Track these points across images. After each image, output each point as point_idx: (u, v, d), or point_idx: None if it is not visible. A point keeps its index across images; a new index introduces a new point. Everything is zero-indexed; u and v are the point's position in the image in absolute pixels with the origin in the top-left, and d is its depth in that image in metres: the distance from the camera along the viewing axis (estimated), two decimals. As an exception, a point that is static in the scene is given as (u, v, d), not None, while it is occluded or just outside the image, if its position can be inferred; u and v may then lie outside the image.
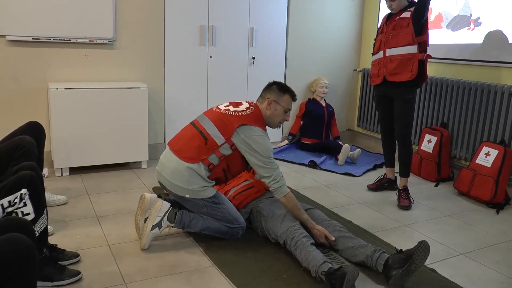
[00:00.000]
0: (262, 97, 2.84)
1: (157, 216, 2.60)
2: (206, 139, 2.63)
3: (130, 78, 4.30)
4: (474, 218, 3.33)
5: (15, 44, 3.82)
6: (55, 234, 2.76)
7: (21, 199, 2.00)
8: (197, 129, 2.70)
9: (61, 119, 3.75)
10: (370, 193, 3.81)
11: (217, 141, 2.63)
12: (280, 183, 2.63)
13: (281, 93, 2.80)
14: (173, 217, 2.64)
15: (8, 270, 1.35)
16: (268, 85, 2.87)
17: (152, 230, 2.59)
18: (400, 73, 3.41)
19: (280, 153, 4.88)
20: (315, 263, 2.28)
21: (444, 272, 2.49)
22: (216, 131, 2.64)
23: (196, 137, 2.66)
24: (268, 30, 4.88)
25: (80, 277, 2.25)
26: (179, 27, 4.42)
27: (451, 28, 4.33)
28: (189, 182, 2.61)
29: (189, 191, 2.63)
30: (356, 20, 5.41)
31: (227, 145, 2.65)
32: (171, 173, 2.65)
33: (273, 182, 2.62)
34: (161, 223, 2.61)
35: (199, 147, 2.63)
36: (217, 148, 2.63)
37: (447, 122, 4.29)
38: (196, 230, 2.70)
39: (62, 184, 3.68)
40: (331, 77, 5.36)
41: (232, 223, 2.72)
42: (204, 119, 2.73)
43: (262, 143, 2.63)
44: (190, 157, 2.62)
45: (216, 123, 2.66)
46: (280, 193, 2.63)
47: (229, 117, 2.68)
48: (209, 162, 2.63)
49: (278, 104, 2.78)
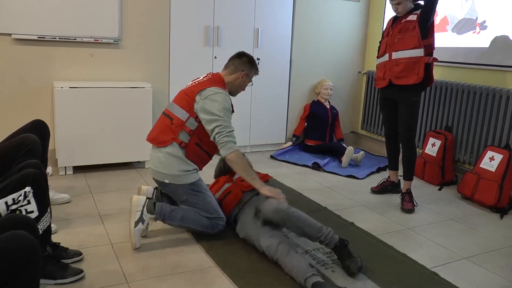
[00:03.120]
0: (235, 66, 2.85)
1: (136, 211, 2.60)
2: (171, 119, 2.70)
3: (135, 77, 4.31)
4: (478, 223, 3.32)
5: (21, 42, 3.84)
6: (58, 232, 2.76)
7: (25, 196, 2.01)
8: (165, 115, 2.78)
9: (65, 118, 3.76)
10: (373, 196, 3.80)
11: (181, 117, 2.67)
12: (227, 138, 2.57)
13: (252, 67, 2.89)
14: (152, 207, 2.62)
15: (11, 267, 1.35)
16: (239, 55, 2.89)
17: (136, 227, 2.58)
18: (406, 76, 3.40)
19: (283, 154, 4.88)
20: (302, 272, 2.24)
21: (447, 276, 2.48)
22: (179, 108, 2.70)
23: (164, 121, 2.74)
24: (273, 31, 4.89)
25: (82, 276, 2.26)
26: (184, 28, 4.43)
27: (457, 31, 4.32)
28: (168, 166, 2.66)
29: (168, 176, 2.67)
30: (361, 22, 5.40)
31: (192, 119, 2.67)
32: (153, 162, 2.73)
33: (219, 135, 2.57)
34: (142, 217, 2.60)
35: (167, 128, 2.69)
36: (183, 124, 2.66)
37: (452, 126, 4.28)
38: (177, 223, 2.68)
39: (66, 182, 3.69)
40: (336, 79, 5.36)
41: (211, 213, 2.71)
42: (171, 105, 2.80)
43: (215, 99, 2.63)
44: (162, 141, 2.69)
45: (179, 102, 2.72)
46: (227, 148, 2.56)
47: (188, 90, 2.74)
48: (180, 141, 2.66)
49: (248, 77, 2.88)
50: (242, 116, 4.91)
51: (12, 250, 1.35)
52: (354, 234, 2.96)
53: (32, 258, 1.39)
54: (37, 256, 1.41)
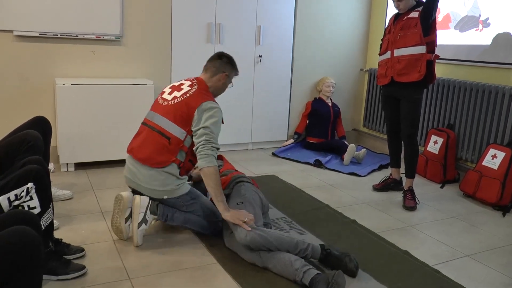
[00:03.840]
0: (216, 68, 2.77)
1: (139, 213, 2.57)
2: (168, 138, 2.56)
3: (137, 74, 4.31)
4: (480, 220, 3.31)
5: (23, 39, 3.83)
6: (60, 228, 2.77)
7: (28, 192, 2.01)
8: (156, 131, 2.60)
9: (67, 115, 3.76)
10: (375, 193, 3.80)
11: (179, 136, 2.56)
12: (211, 151, 2.50)
13: (233, 69, 2.83)
14: (155, 209, 2.60)
15: (14, 262, 1.35)
16: (218, 56, 2.82)
17: (139, 227, 2.57)
18: (408, 73, 3.40)
19: (285, 152, 4.88)
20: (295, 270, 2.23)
21: (449, 273, 2.48)
22: (176, 127, 2.57)
23: (159, 140, 2.58)
24: (275, 28, 4.88)
25: (85, 272, 2.26)
26: (186, 25, 4.43)
27: (459, 28, 4.31)
28: (165, 184, 2.58)
29: (166, 192, 2.60)
30: (363, 20, 5.39)
31: (189, 137, 2.59)
32: (146, 180, 2.58)
33: (204, 147, 2.49)
34: (145, 218, 2.59)
35: (164, 148, 2.56)
36: (182, 143, 2.58)
37: (454, 124, 4.27)
38: (179, 224, 2.67)
39: (68, 179, 3.69)
40: (338, 76, 5.35)
41: (211, 217, 2.71)
42: (156, 117, 2.64)
43: (212, 115, 2.55)
44: (160, 161, 2.55)
45: (172, 118, 2.58)
46: (207, 161, 2.47)
47: (182, 105, 2.58)
48: (179, 161, 2.58)
49: (229, 78, 2.82)
50: (244, 113, 4.90)
51: (15, 246, 1.35)
52: (356, 232, 2.96)
53: (35, 253, 1.39)
54: (40, 252, 1.41)
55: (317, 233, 2.88)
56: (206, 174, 2.49)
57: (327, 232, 2.92)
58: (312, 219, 3.12)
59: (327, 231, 2.93)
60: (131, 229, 2.61)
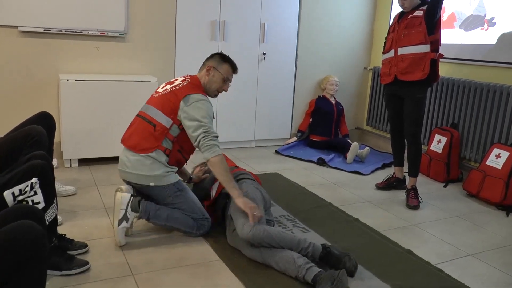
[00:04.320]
0: (204, 64, 2.82)
1: (120, 209, 2.54)
2: (154, 126, 2.61)
3: (141, 71, 4.31)
4: (483, 220, 3.31)
5: (27, 35, 3.84)
6: (63, 224, 2.77)
7: (32, 187, 2.01)
8: (145, 120, 2.66)
9: (71, 111, 3.77)
10: (378, 192, 3.79)
11: (165, 124, 2.60)
12: (213, 141, 2.52)
13: (222, 61, 2.79)
14: (137, 205, 2.57)
15: (19, 256, 1.35)
16: (211, 55, 2.84)
17: (119, 225, 2.52)
18: (411, 72, 3.39)
19: (288, 150, 4.88)
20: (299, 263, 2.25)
21: (452, 272, 2.48)
22: (162, 115, 2.61)
23: (146, 127, 2.63)
24: (280, 26, 4.87)
25: (88, 267, 2.26)
26: (190, 22, 4.43)
27: (464, 28, 4.29)
28: (152, 168, 2.59)
29: (153, 178, 2.60)
30: (368, 18, 5.38)
31: (175, 126, 2.61)
32: (133, 166, 2.61)
33: (205, 139, 2.51)
34: (126, 215, 2.55)
35: (150, 135, 2.61)
36: (167, 131, 2.60)
37: (458, 123, 4.26)
38: (162, 222, 2.63)
39: (71, 175, 3.70)
40: (341, 75, 5.35)
41: (196, 213, 2.69)
42: (149, 108, 2.69)
43: (199, 107, 2.58)
44: (145, 148, 2.60)
45: (161, 107, 2.63)
46: (212, 151, 2.50)
47: (170, 95, 2.64)
48: (164, 148, 2.61)
49: (216, 70, 2.76)
50: (248, 111, 4.90)
51: (20, 240, 1.36)
52: (358, 230, 2.96)
53: (40, 248, 1.39)
54: (44, 246, 1.41)
55: (320, 231, 2.88)
56: (213, 164, 2.52)
57: (330, 230, 2.92)
58: (315, 217, 3.12)
59: (330, 229, 2.93)
60: (113, 226, 2.55)
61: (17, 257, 1.35)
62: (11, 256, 1.35)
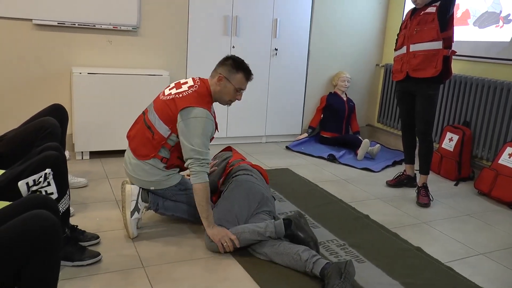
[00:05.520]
0: (215, 70, 2.63)
1: (131, 201, 2.55)
2: (153, 133, 2.54)
3: (153, 65, 4.33)
4: (495, 219, 3.28)
5: (41, 28, 3.87)
6: (75, 215, 2.80)
7: (46, 178, 2.03)
8: (146, 125, 2.59)
9: (83, 103, 3.79)
10: (389, 189, 3.78)
11: (163, 134, 2.53)
12: (203, 168, 2.46)
13: (234, 70, 2.58)
14: (146, 196, 2.60)
15: (34, 245, 1.37)
16: (224, 59, 2.65)
17: (132, 216, 2.54)
18: (424, 69, 3.36)
19: (299, 146, 4.87)
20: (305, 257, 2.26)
21: (463, 271, 2.46)
22: (161, 123, 2.52)
23: (145, 133, 2.57)
24: (292, 22, 4.86)
25: (100, 258, 2.28)
26: (203, 17, 4.43)
27: (478, 25, 4.25)
28: (151, 174, 2.57)
29: (152, 183, 2.59)
30: (380, 14, 5.35)
31: (173, 135, 2.53)
32: (133, 170, 2.61)
33: (193, 165, 2.44)
34: (138, 206, 2.57)
35: (149, 142, 2.55)
36: (165, 141, 2.53)
37: (470, 121, 4.22)
38: (170, 212, 2.67)
39: (83, 167, 3.73)
40: (353, 71, 5.32)
41: None
42: (152, 111, 2.61)
43: (195, 125, 2.44)
44: (143, 154, 2.57)
45: (160, 115, 2.53)
46: (198, 178, 2.44)
47: (171, 103, 2.52)
48: (161, 157, 2.56)
49: (229, 82, 2.58)
50: (259, 106, 4.90)
51: (35, 229, 1.37)
52: (368, 227, 2.95)
53: (54, 237, 1.41)
54: (59, 236, 1.43)
55: (329, 227, 2.88)
56: (196, 190, 2.46)
57: (340, 226, 2.92)
58: (325, 213, 3.11)
59: (339, 226, 2.92)
60: (125, 218, 2.56)
61: (31, 246, 1.37)
62: (26, 245, 1.36)
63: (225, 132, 4.76)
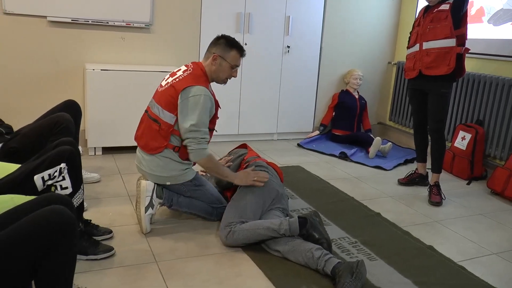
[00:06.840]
0: (208, 51, 2.68)
1: (146, 196, 2.58)
2: (159, 124, 2.56)
3: (165, 62, 4.35)
4: (508, 219, 3.25)
5: (55, 25, 3.90)
6: (88, 210, 2.83)
7: (60, 172, 2.06)
8: (151, 119, 2.62)
9: (96, 99, 3.82)
10: (401, 187, 3.76)
11: (169, 121, 2.55)
12: (201, 145, 2.52)
13: (228, 48, 2.64)
14: (161, 192, 2.62)
15: (50, 239, 1.38)
16: (216, 38, 2.70)
17: (146, 212, 2.57)
18: (437, 66, 3.34)
19: (310, 143, 4.87)
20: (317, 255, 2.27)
21: (475, 270, 2.45)
22: (166, 112, 2.55)
23: (152, 126, 2.60)
24: (304, 19, 4.85)
25: (113, 253, 2.31)
26: (215, 14, 4.44)
27: (493, 22, 4.20)
28: (167, 169, 2.60)
29: (169, 178, 2.62)
30: (393, 12, 5.31)
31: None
32: (148, 166, 2.63)
33: (191, 143, 2.51)
34: (152, 202, 2.59)
35: (157, 134, 2.58)
36: (172, 128, 2.56)
37: (483, 120, 4.19)
38: (183, 209, 2.70)
39: (95, 163, 3.76)
40: (365, 69, 5.30)
41: (215, 203, 2.75)
42: (153, 104, 2.64)
43: (195, 102, 2.49)
44: (154, 147, 2.59)
45: (163, 104, 2.56)
46: (196, 155, 2.53)
47: (170, 89, 2.56)
48: (173, 146, 2.58)
49: (223, 59, 2.64)
50: (271, 104, 4.90)
51: (52, 223, 1.39)
52: (380, 225, 2.95)
53: (71, 232, 1.42)
54: (75, 231, 1.44)
55: (340, 225, 2.88)
56: (202, 165, 2.62)
57: (351, 224, 2.91)
58: (336, 211, 3.11)
59: (351, 223, 2.92)
60: (139, 213, 2.59)
61: (48, 240, 1.38)
62: (43, 240, 1.38)
63: (236, 129, 4.77)
